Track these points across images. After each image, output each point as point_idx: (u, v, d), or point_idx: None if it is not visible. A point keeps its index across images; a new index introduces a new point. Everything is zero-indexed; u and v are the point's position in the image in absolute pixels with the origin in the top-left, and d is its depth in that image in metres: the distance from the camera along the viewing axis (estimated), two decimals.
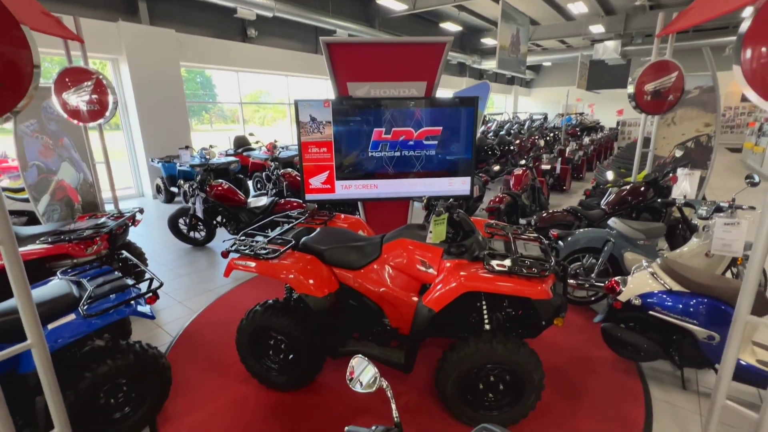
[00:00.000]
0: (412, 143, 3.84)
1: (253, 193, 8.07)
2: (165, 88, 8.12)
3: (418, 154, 3.88)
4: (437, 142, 3.85)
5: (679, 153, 4.33)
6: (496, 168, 6.98)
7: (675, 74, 4.05)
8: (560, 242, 3.46)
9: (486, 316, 2.22)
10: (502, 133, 11.63)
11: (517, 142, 9.97)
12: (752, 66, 1.52)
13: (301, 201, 4.27)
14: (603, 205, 4.15)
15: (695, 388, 2.55)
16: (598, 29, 13.93)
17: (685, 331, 2.38)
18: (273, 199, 4.86)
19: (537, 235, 2.57)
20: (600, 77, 17.12)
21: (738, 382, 2.21)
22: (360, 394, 1.81)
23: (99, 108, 3.87)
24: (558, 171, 7.86)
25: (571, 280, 3.33)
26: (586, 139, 11.31)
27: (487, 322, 2.22)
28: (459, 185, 4.02)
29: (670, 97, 4.11)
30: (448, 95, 4.66)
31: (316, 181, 3.90)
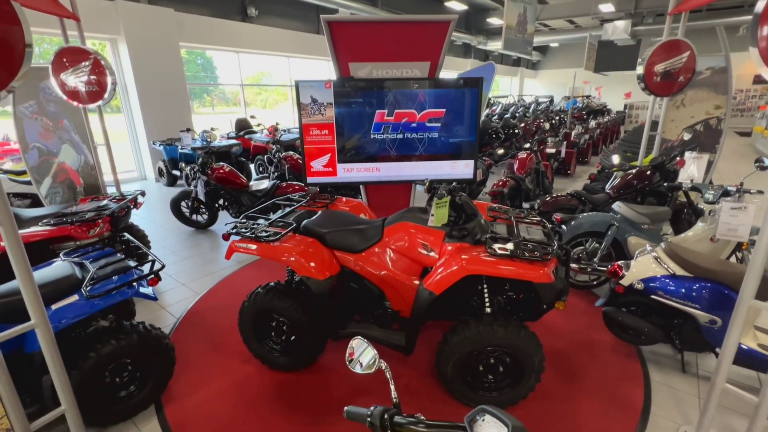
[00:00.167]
0: (414, 125, 3.78)
1: (255, 177, 8.05)
2: (165, 69, 8.01)
3: (420, 136, 3.83)
4: (440, 125, 3.79)
5: (687, 136, 4.25)
6: (500, 151, 6.90)
7: (686, 54, 3.93)
8: (563, 226, 3.43)
9: (487, 300, 2.22)
10: (506, 116, 11.44)
11: (522, 125, 9.82)
12: None
13: (303, 184, 4.24)
14: (608, 189, 4.10)
15: (695, 372, 2.56)
16: (608, 8, 13.53)
17: (687, 315, 2.38)
18: (275, 182, 4.83)
19: (540, 219, 2.54)
20: (608, 59, 16.73)
21: (738, 366, 2.21)
22: (360, 375, 1.83)
23: (98, 89, 3.82)
24: (563, 155, 7.76)
25: (573, 265, 3.32)
26: (592, 123, 11.13)
27: (488, 305, 2.22)
28: (462, 168, 3.98)
29: (681, 78, 4.00)
30: (452, 77, 4.56)
31: (317, 164, 3.87)
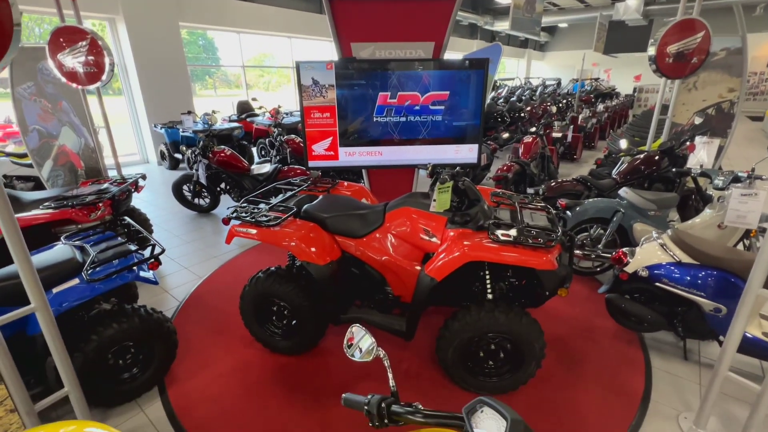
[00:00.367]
0: (418, 108, 3.70)
1: (257, 160, 8.00)
2: (165, 50, 7.87)
3: (424, 119, 3.75)
4: (444, 108, 3.71)
5: (698, 120, 4.14)
6: (505, 135, 6.79)
7: (701, 34, 3.79)
8: (568, 212, 3.38)
9: (489, 286, 2.20)
10: (512, 99, 11.23)
11: (528, 108, 9.64)
12: None
13: (305, 168, 4.20)
14: (614, 174, 4.03)
15: (697, 359, 2.55)
16: None
17: (691, 302, 2.35)
18: (276, 166, 4.79)
19: (544, 205, 2.50)
20: (619, 40, 16.26)
21: (742, 354, 2.19)
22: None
23: (96, 70, 3.75)
24: (569, 139, 7.63)
25: (577, 251, 3.28)
26: (600, 106, 10.91)
27: (489, 291, 2.20)
28: (466, 153, 3.91)
29: (694, 60, 3.87)
30: (457, 58, 4.45)
31: (319, 148, 3.81)
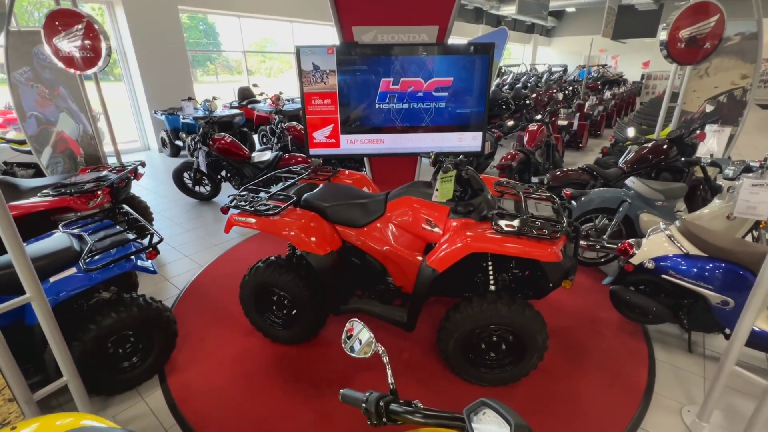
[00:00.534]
0: (421, 95, 3.62)
1: (258, 148, 7.93)
2: (164, 34, 7.74)
3: (427, 106, 3.67)
4: (448, 94, 3.62)
5: (710, 108, 4.02)
6: (510, 123, 6.68)
7: (715, 18, 3.66)
8: (573, 202, 3.32)
9: (491, 277, 2.16)
10: (518, 86, 11.03)
11: (534, 96, 9.48)
12: None
13: (306, 156, 4.14)
14: (621, 163, 3.95)
15: (701, 351, 2.52)
16: None
17: (698, 295, 2.31)
18: (277, 153, 4.73)
19: (549, 195, 2.44)
20: (628, 25, 15.83)
21: (749, 348, 2.15)
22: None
23: (92, 55, 3.68)
24: (575, 127, 7.50)
25: (581, 242, 3.23)
26: (607, 94, 10.70)
27: (492, 282, 2.16)
28: (470, 141, 3.83)
29: (707, 45, 3.75)
30: (462, 43, 4.33)
31: (320, 135, 3.75)
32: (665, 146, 3.72)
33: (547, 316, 2.74)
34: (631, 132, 4.71)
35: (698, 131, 3.67)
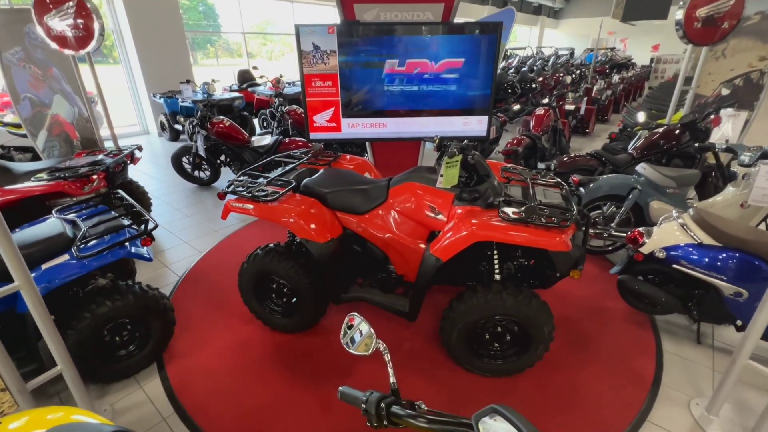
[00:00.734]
0: (426, 76, 3.49)
1: (258, 132, 7.81)
2: (162, 15, 7.53)
3: (432, 89, 3.54)
4: (454, 76, 3.49)
5: (725, 91, 3.87)
6: (516, 107, 6.51)
7: None
8: (581, 189, 3.23)
9: (497, 266, 2.09)
10: (523, 69, 10.76)
11: (540, 79, 9.25)
12: None
13: (307, 140, 4.04)
14: (630, 149, 3.83)
15: (710, 343, 2.46)
16: None
17: (709, 286, 2.24)
18: (277, 137, 4.62)
19: (558, 181, 2.35)
20: (638, 5, 15.29)
21: (763, 341, 2.09)
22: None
23: (85, 34, 3.55)
24: (582, 112, 7.33)
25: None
26: (615, 78, 10.43)
27: (497, 271, 2.09)
28: (475, 125, 3.71)
29: (725, 25, 3.58)
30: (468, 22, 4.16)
31: (320, 119, 3.64)
32: (677, 131, 3.59)
33: (551, 305, 2.66)
34: (641, 117, 4.57)
35: (713, 116, 3.53)
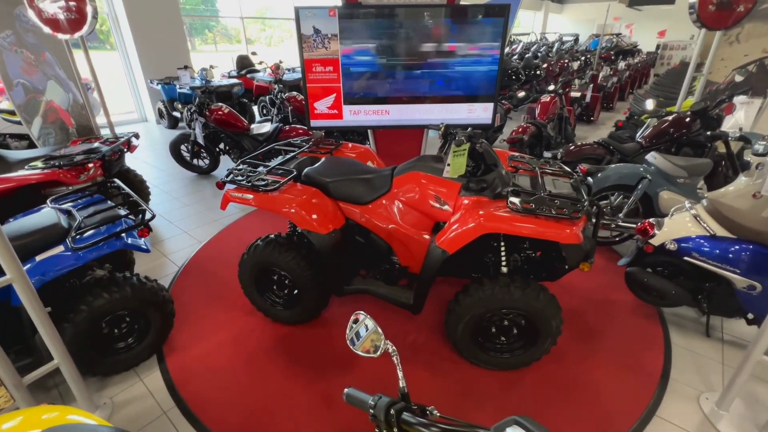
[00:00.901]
0: (431, 62, 3.38)
1: (258, 119, 7.68)
2: None
3: (436, 73, 3.43)
4: (459, 61, 3.38)
5: (739, 78, 3.75)
6: (521, 94, 6.38)
7: None
8: (590, 178, 3.15)
9: (504, 258, 2.04)
10: (528, 55, 10.55)
11: (545, 66, 9.06)
12: None
13: (307, 128, 3.94)
14: (639, 138, 3.74)
15: (719, 336, 2.42)
16: None
17: (721, 278, 2.18)
18: (277, 125, 4.53)
19: (568, 171, 2.28)
20: None
21: None
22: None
23: (78, 17, 3.44)
24: (588, 99, 7.19)
25: None
26: (621, 64, 10.24)
27: (504, 264, 2.04)
28: (480, 113, 3.61)
29: (740, 8, 3.45)
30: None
31: (321, 106, 3.54)
32: (688, 119, 3.49)
33: (558, 295, 2.63)
34: (650, 104, 4.45)
35: (725, 103, 3.43)
